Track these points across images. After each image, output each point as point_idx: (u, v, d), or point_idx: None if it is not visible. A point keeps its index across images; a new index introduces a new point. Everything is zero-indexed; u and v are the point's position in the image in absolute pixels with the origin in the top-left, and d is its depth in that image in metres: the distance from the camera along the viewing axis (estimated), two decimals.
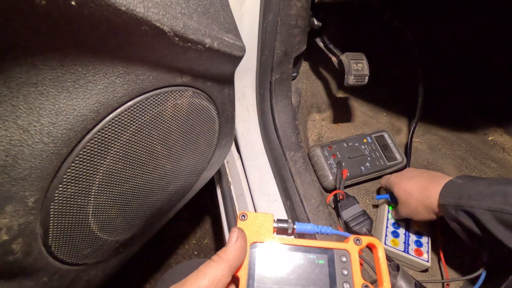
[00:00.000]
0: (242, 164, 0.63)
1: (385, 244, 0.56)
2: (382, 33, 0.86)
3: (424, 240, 0.57)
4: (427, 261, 0.54)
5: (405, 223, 0.60)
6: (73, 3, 0.19)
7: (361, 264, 0.51)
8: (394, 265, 0.39)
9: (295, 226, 0.30)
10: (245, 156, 0.63)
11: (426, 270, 0.58)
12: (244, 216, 0.29)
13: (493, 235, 0.39)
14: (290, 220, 0.30)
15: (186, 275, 0.23)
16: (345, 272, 0.27)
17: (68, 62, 0.22)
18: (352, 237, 0.29)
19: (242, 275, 0.26)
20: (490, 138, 0.84)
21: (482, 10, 0.80)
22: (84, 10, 0.20)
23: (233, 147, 0.67)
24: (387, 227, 0.59)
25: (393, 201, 0.60)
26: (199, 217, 1.11)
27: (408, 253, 0.55)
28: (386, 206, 0.62)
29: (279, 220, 0.30)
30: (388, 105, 0.89)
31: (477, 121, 0.87)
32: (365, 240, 0.29)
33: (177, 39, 0.26)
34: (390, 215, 0.61)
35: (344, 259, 0.28)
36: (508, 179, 0.43)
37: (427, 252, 0.55)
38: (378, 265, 0.29)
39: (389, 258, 0.56)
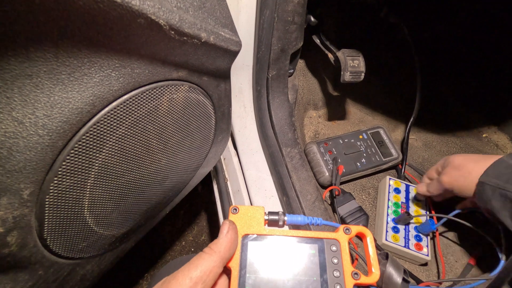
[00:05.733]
0: (239, 160, 0.63)
1: (386, 239, 0.57)
2: (379, 30, 0.87)
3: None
4: (427, 255, 0.55)
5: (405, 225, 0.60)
6: None
7: (356, 260, 0.52)
8: (383, 254, 0.39)
9: (285, 218, 0.31)
10: (241, 152, 0.63)
11: (425, 264, 0.58)
12: (235, 209, 0.29)
13: None
14: (281, 212, 0.30)
15: None
16: (335, 261, 0.28)
17: (63, 54, 0.22)
18: (341, 226, 0.30)
19: (234, 265, 0.27)
20: (484, 135, 0.85)
21: (478, 7, 0.81)
22: (79, 1, 0.20)
23: (230, 143, 0.67)
24: (387, 222, 0.59)
25: None
26: (196, 213, 1.11)
27: (408, 247, 0.56)
28: (386, 203, 0.62)
29: (270, 213, 0.30)
30: (384, 102, 0.89)
31: (471, 118, 0.88)
32: (355, 229, 0.30)
33: (173, 32, 0.26)
34: (390, 211, 0.61)
35: (334, 248, 0.29)
36: None
37: (427, 246, 0.56)
38: (368, 253, 0.29)
39: (379, 248, 0.57)
